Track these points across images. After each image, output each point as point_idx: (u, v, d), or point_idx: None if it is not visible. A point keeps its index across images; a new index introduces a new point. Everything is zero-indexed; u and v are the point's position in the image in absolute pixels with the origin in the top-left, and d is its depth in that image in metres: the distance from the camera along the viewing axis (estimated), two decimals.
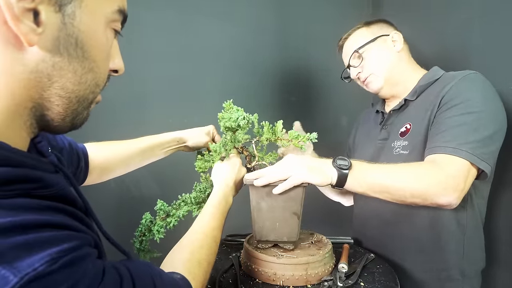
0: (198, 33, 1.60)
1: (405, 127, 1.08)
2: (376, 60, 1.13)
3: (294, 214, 0.89)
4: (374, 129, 1.24)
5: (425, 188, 0.87)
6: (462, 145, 0.88)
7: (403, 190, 0.87)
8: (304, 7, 1.78)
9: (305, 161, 0.90)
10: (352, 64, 1.16)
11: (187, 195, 0.91)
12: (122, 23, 0.51)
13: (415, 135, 1.03)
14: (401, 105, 1.12)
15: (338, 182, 0.88)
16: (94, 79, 0.47)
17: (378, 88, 1.15)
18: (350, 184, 0.89)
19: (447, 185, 0.86)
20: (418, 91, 1.09)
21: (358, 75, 1.16)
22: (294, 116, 1.80)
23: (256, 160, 0.95)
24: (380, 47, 1.13)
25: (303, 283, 0.86)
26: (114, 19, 0.47)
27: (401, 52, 1.13)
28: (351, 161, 0.90)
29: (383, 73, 1.13)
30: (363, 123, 1.38)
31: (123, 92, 1.52)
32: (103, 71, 0.49)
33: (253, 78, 1.72)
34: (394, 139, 1.10)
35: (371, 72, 1.13)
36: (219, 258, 1.02)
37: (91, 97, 0.48)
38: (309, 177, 0.86)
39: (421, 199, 0.88)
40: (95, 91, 0.48)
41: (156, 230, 0.86)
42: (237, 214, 1.61)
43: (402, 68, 1.13)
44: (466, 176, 0.88)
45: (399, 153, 1.06)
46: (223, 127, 0.91)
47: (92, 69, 0.46)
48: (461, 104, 0.93)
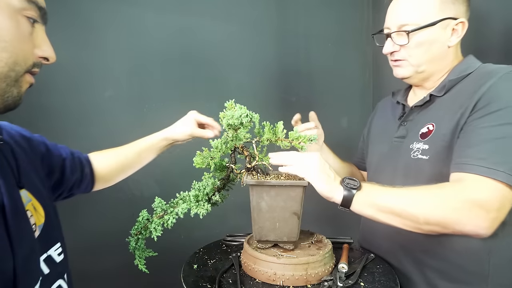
0: (198, 34, 1.60)
1: (427, 128, 0.93)
2: (421, 50, 0.94)
3: (294, 214, 0.89)
4: (391, 123, 1.09)
5: (443, 215, 0.74)
6: (499, 165, 0.73)
7: (415, 216, 0.75)
8: (304, 7, 1.78)
9: (323, 165, 0.83)
10: (395, 40, 0.96)
11: (185, 193, 0.91)
12: (43, 14, 0.58)
13: (438, 139, 0.89)
14: (425, 101, 0.97)
15: (344, 201, 0.79)
16: (11, 57, 0.53)
17: (404, 76, 1.00)
18: (357, 206, 0.79)
19: (473, 212, 0.72)
20: (447, 86, 0.93)
21: (393, 53, 0.99)
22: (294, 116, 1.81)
23: (256, 160, 0.95)
24: (435, 36, 0.92)
25: (303, 283, 0.86)
26: (24, 7, 0.54)
27: (452, 48, 0.95)
28: (361, 182, 0.81)
29: (418, 65, 0.96)
30: (380, 113, 1.22)
31: (124, 92, 1.52)
32: (20, 51, 0.55)
33: (253, 78, 1.72)
34: (413, 139, 0.96)
35: (407, 58, 0.96)
36: (219, 258, 1.02)
37: (13, 75, 0.55)
38: (314, 178, 0.81)
39: (440, 227, 0.75)
40: (15, 69, 0.55)
41: (153, 228, 0.86)
42: (237, 214, 1.62)
43: (444, 64, 0.96)
44: (501, 202, 0.73)
45: (417, 158, 0.93)
46: (225, 125, 0.91)
47: (4, 48, 0.52)
48: (501, 111, 0.78)
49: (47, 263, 0.64)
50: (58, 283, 0.65)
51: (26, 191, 0.64)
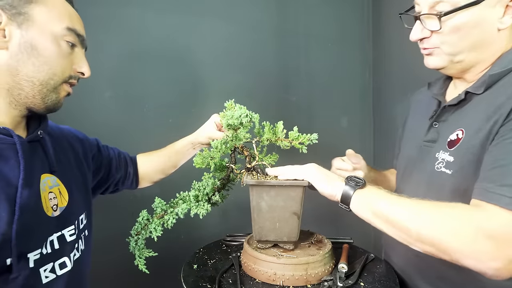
0: (198, 34, 1.60)
1: (456, 135, 0.76)
2: (458, 36, 0.74)
3: (294, 214, 0.89)
4: (422, 122, 0.91)
5: (439, 235, 0.62)
6: None
7: (408, 229, 0.66)
8: (303, 7, 1.78)
9: (321, 168, 0.83)
10: (425, 24, 0.77)
11: (185, 193, 0.91)
12: (81, 40, 0.77)
13: (466, 151, 0.73)
14: (460, 100, 0.79)
15: (343, 197, 0.76)
16: (50, 69, 0.71)
17: (436, 67, 0.81)
18: (355, 205, 0.75)
19: (479, 244, 0.59)
20: (488, 81, 0.74)
21: (423, 40, 0.80)
22: (294, 116, 1.81)
23: (256, 160, 0.95)
24: (479, 17, 0.71)
25: (303, 283, 0.86)
26: (65, 34, 0.72)
27: (504, 31, 0.74)
28: (366, 183, 0.77)
29: (454, 54, 0.76)
30: (414, 109, 1.03)
31: (124, 93, 1.52)
32: (58, 66, 0.72)
33: (253, 78, 1.72)
34: (441, 147, 0.80)
35: (440, 45, 0.77)
36: (219, 258, 1.02)
37: (52, 83, 0.72)
38: (314, 179, 0.81)
39: (435, 248, 0.64)
40: (54, 78, 0.72)
41: (153, 228, 0.86)
42: (237, 214, 1.62)
43: (491, 52, 0.75)
44: None
45: (440, 171, 0.78)
46: (225, 125, 0.91)
47: (46, 62, 0.70)
48: None
49: (59, 240, 0.74)
50: (63, 259, 0.75)
51: (56, 177, 0.77)
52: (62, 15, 0.73)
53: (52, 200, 0.74)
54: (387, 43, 1.81)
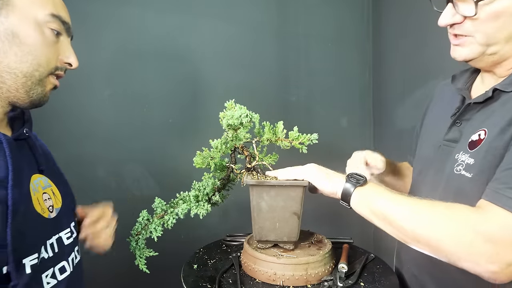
0: (198, 34, 1.60)
1: (478, 135, 0.71)
2: (496, 25, 0.67)
3: (294, 214, 0.89)
4: (444, 119, 0.85)
5: (436, 236, 0.62)
6: None
7: (404, 228, 0.66)
8: (303, 7, 1.78)
9: (320, 167, 0.83)
10: (458, 8, 0.69)
11: (185, 193, 0.91)
12: (67, 28, 0.70)
13: (487, 153, 0.68)
14: (487, 98, 0.73)
15: (344, 194, 0.76)
16: (35, 59, 0.65)
17: (466, 59, 0.74)
18: (355, 202, 0.75)
19: (477, 246, 0.58)
20: None
21: (454, 25, 0.72)
22: (294, 116, 1.81)
23: (256, 160, 0.95)
24: None
25: (303, 283, 0.86)
26: (49, 20, 0.66)
27: None
28: (368, 180, 0.76)
29: (489, 44, 0.70)
30: (436, 102, 0.95)
31: (123, 92, 1.52)
32: (43, 56, 0.66)
33: (253, 78, 1.72)
34: (462, 148, 0.75)
35: (473, 33, 0.70)
36: (219, 258, 1.02)
37: (37, 75, 0.65)
38: (315, 178, 0.82)
39: (432, 249, 0.64)
40: (39, 70, 0.66)
41: (153, 228, 0.86)
42: (237, 214, 1.62)
43: None
44: None
45: (460, 173, 0.73)
46: (225, 125, 0.92)
47: (29, 51, 0.64)
48: None
49: (58, 243, 0.72)
50: (62, 264, 0.72)
51: (47, 178, 0.74)
52: (45, 1, 0.66)
53: (47, 201, 0.71)
54: (387, 43, 1.81)
